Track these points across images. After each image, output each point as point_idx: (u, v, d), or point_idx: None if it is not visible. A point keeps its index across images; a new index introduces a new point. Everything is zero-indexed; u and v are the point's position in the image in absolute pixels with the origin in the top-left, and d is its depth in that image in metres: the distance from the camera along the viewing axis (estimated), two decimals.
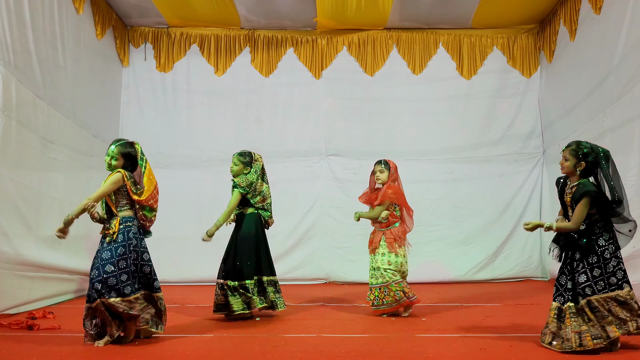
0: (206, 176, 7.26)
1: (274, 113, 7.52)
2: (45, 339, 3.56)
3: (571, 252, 3.34)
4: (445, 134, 7.42)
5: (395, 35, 7.60)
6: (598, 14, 5.85)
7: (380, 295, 4.49)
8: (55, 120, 5.50)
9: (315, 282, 7.06)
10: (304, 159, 7.39)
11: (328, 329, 4.01)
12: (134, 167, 3.54)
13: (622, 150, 5.02)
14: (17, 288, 4.67)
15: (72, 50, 5.92)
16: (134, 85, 7.50)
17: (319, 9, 6.98)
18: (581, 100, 6.20)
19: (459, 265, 7.08)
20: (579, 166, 3.30)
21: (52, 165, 5.38)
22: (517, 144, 7.43)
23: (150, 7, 7.00)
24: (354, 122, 7.46)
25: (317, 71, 7.57)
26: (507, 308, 4.99)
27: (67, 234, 3.42)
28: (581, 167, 3.30)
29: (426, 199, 7.16)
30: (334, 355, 3.15)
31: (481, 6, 6.97)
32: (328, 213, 7.25)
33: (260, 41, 7.61)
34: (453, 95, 7.51)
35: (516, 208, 7.22)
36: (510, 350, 3.22)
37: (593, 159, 3.28)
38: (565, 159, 3.36)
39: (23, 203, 4.84)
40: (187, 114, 7.50)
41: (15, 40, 4.78)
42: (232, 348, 3.37)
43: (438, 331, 3.86)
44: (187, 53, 7.56)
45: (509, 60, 7.56)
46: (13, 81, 4.71)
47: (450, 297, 5.67)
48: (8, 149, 4.62)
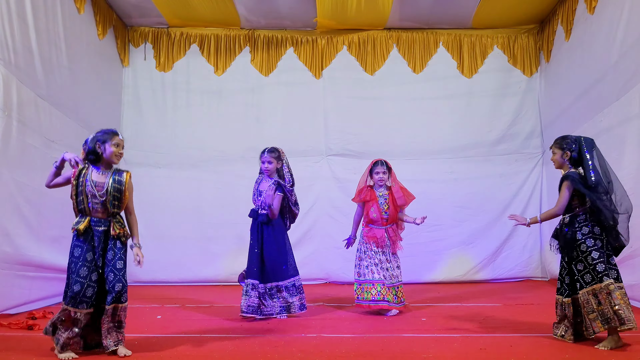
0: (206, 176, 7.27)
1: (274, 113, 7.52)
2: (45, 339, 3.56)
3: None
4: (446, 134, 7.42)
5: (396, 35, 7.60)
6: (592, 13, 5.85)
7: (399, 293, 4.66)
8: (57, 120, 5.51)
9: (315, 282, 7.06)
10: (304, 159, 7.38)
11: (328, 329, 4.01)
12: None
13: (617, 150, 5.05)
14: (17, 288, 4.68)
15: (74, 50, 5.92)
16: (134, 85, 7.50)
17: (319, 9, 6.98)
18: (577, 100, 6.21)
19: (459, 265, 7.09)
20: (565, 155, 3.44)
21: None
22: (518, 143, 7.43)
23: (151, 7, 7.00)
24: (354, 122, 7.45)
25: (317, 70, 7.57)
26: (507, 308, 4.99)
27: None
28: (567, 156, 3.44)
29: (426, 198, 7.15)
30: (334, 355, 3.15)
31: (481, 6, 6.97)
32: (328, 213, 7.25)
33: (260, 41, 7.61)
34: (454, 94, 7.51)
35: (516, 208, 7.22)
36: (510, 350, 3.23)
37: (577, 147, 3.42)
38: (553, 153, 3.54)
39: (24, 203, 4.85)
40: (187, 113, 7.50)
41: (16, 41, 4.78)
42: (232, 348, 3.37)
43: (438, 331, 3.87)
44: (187, 53, 7.57)
45: (510, 59, 7.57)
46: (14, 81, 4.71)
47: (450, 297, 5.67)
48: (9, 148, 4.63)
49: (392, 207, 4.74)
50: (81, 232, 3.10)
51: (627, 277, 4.86)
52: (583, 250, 3.30)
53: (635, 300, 4.74)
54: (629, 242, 3.34)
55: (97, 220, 3.15)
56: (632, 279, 4.77)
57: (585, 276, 3.28)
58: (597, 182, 3.28)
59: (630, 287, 4.77)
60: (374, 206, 4.77)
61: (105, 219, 3.17)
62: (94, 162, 3.20)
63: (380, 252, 4.70)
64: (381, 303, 4.53)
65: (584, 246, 3.30)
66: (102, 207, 3.15)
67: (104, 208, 3.15)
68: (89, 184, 3.12)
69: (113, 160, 3.23)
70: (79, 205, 3.13)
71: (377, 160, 4.85)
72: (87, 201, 3.12)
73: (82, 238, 3.11)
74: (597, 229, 3.30)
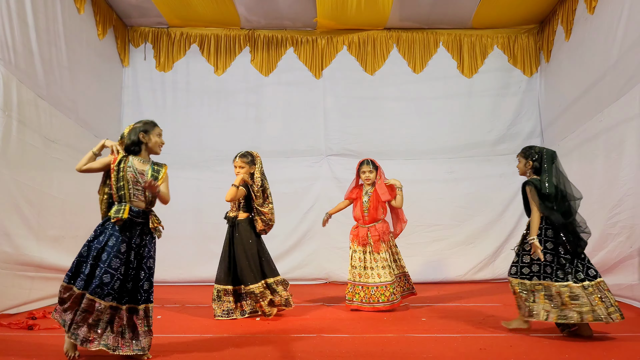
0: (206, 176, 7.27)
1: (274, 113, 7.52)
2: (45, 339, 3.57)
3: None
4: (446, 134, 7.42)
5: (396, 35, 7.60)
6: (592, 13, 5.85)
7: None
8: (57, 120, 5.51)
9: (315, 282, 7.06)
10: (304, 159, 7.39)
11: (328, 329, 4.01)
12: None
13: (617, 150, 5.05)
14: (17, 288, 4.67)
15: (74, 50, 5.93)
16: (134, 85, 7.50)
17: (319, 9, 6.98)
18: (577, 100, 6.21)
19: (459, 265, 7.08)
20: (528, 165, 3.81)
21: (53, 165, 5.38)
22: (518, 143, 7.41)
23: (150, 7, 7.01)
24: (354, 122, 7.45)
25: (317, 70, 7.57)
26: (507, 308, 4.98)
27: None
28: (529, 165, 3.80)
29: (426, 198, 7.18)
30: (334, 355, 3.15)
31: (481, 6, 6.97)
32: None
33: (260, 41, 7.61)
34: (454, 93, 7.51)
35: (516, 208, 7.21)
36: (510, 350, 3.23)
37: (539, 158, 3.76)
38: (519, 161, 3.91)
39: (25, 203, 4.85)
40: (187, 113, 7.50)
41: (16, 41, 4.78)
42: (232, 348, 3.37)
43: (438, 331, 3.86)
44: (187, 53, 7.57)
45: (510, 59, 7.57)
46: (14, 81, 4.71)
47: (450, 297, 5.67)
48: (9, 148, 4.63)
49: (372, 206, 4.79)
50: (121, 220, 3.00)
51: (627, 277, 4.89)
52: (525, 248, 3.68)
53: (635, 301, 4.75)
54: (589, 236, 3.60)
55: (136, 211, 3.06)
56: (632, 278, 4.78)
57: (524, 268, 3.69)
58: (549, 192, 3.61)
59: (630, 287, 4.81)
60: (357, 205, 4.92)
61: (143, 209, 3.10)
62: (135, 153, 3.18)
63: (363, 252, 4.79)
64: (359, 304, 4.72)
65: (527, 245, 3.65)
66: (143, 195, 3.10)
67: (144, 197, 3.11)
68: (132, 170, 3.09)
69: (156, 150, 3.24)
70: (119, 191, 3.06)
71: (364, 160, 4.98)
72: (127, 187, 3.06)
73: (118, 227, 3.01)
74: (550, 231, 3.60)
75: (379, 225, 4.83)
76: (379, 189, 4.83)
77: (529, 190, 3.70)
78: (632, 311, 4.51)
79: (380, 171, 4.95)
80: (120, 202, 3.06)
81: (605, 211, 5.24)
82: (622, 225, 4.95)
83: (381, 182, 4.84)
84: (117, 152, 3.13)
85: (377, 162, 5.04)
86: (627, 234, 4.85)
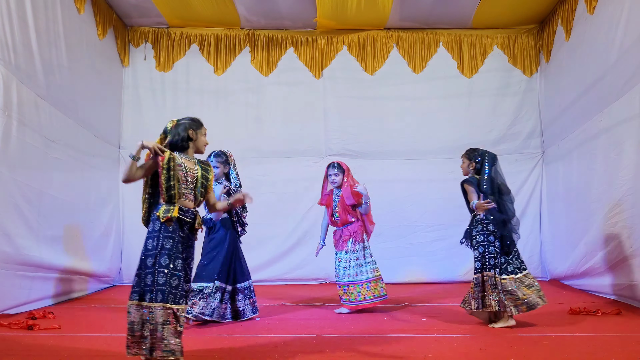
0: None
1: (273, 113, 7.51)
2: (45, 339, 3.57)
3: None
4: (446, 134, 7.41)
5: (396, 35, 7.60)
6: (592, 13, 5.84)
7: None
8: (57, 120, 5.50)
9: (315, 282, 7.06)
10: (304, 159, 7.38)
11: (328, 329, 4.02)
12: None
13: (617, 150, 5.05)
14: (17, 288, 4.67)
15: (74, 50, 5.92)
16: (134, 85, 7.49)
17: (319, 9, 6.98)
18: (577, 100, 6.21)
19: (459, 265, 7.08)
20: (471, 165, 4.13)
21: (53, 165, 5.38)
22: (518, 143, 7.43)
23: (150, 7, 7.00)
24: (354, 122, 7.44)
25: (317, 70, 7.56)
26: None
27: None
28: (472, 166, 4.13)
29: (427, 198, 7.17)
30: (334, 355, 3.15)
31: (481, 6, 6.97)
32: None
33: (260, 41, 7.61)
34: (454, 93, 7.51)
35: (516, 208, 7.16)
36: (510, 350, 3.23)
37: (481, 160, 4.09)
38: (463, 162, 4.20)
39: (24, 203, 4.84)
40: (187, 113, 7.26)
41: (16, 41, 4.78)
42: (232, 348, 3.37)
43: (438, 331, 3.87)
44: (187, 53, 7.56)
45: (510, 59, 7.57)
46: (14, 81, 4.71)
47: (450, 297, 5.67)
48: (9, 148, 4.62)
49: (341, 209, 4.82)
50: (172, 220, 2.85)
51: (627, 277, 4.89)
52: (474, 243, 4.09)
53: (635, 300, 4.74)
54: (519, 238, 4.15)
55: (185, 210, 2.93)
56: (632, 278, 4.78)
57: (476, 262, 4.07)
58: (486, 191, 3.94)
59: (630, 287, 4.80)
60: (328, 209, 4.99)
61: (192, 209, 2.98)
62: (180, 149, 3.06)
63: (343, 252, 4.85)
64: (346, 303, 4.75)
65: (474, 241, 4.07)
66: (192, 194, 3.00)
67: (193, 196, 3.01)
68: (182, 169, 2.96)
69: (202, 149, 3.18)
70: (169, 190, 2.88)
71: (330, 163, 5.01)
72: (177, 186, 2.91)
73: (171, 228, 2.86)
74: (491, 226, 3.97)
75: (352, 227, 4.86)
76: (344, 192, 4.85)
77: (467, 186, 4.03)
78: (632, 311, 4.51)
79: (348, 174, 4.94)
80: (170, 201, 2.90)
81: (605, 211, 5.24)
82: (622, 225, 4.94)
83: (347, 186, 4.84)
84: (160, 152, 2.92)
85: (345, 164, 5.03)
86: (627, 234, 4.85)
